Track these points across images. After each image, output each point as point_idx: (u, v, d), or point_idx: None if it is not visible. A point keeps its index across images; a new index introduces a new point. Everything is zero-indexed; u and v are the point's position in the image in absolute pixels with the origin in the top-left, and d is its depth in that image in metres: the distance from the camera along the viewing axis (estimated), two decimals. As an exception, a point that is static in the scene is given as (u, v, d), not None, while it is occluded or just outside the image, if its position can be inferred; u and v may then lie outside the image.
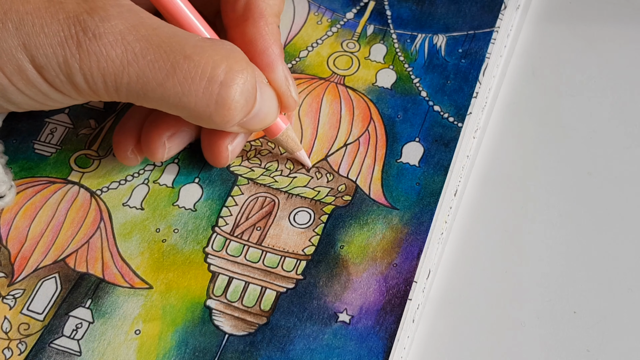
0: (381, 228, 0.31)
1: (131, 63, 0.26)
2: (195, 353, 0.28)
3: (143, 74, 0.26)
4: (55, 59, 0.25)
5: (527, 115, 0.36)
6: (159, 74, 0.26)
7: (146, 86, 0.26)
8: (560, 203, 0.33)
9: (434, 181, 0.32)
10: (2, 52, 0.25)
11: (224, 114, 0.27)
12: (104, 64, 0.25)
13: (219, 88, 0.26)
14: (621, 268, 0.31)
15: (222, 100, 0.27)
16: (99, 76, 0.26)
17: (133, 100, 0.27)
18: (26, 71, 0.26)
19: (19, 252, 0.31)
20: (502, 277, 0.31)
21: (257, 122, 0.29)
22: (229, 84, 0.26)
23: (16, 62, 0.25)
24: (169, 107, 0.27)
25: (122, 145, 0.31)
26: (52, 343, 0.29)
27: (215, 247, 0.31)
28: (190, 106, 0.27)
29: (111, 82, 0.26)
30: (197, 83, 0.26)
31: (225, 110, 0.27)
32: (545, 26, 0.38)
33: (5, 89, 0.26)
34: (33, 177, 0.33)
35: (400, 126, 0.34)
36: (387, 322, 0.29)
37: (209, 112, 0.27)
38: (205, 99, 0.26)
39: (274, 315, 0.29)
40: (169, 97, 0.26)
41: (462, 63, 0.35)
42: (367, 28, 0.37)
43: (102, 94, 0.27)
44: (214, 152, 0.31)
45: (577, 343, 0.30)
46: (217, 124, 0.28)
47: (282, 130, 0.31)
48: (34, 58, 0.25)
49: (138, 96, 0.27)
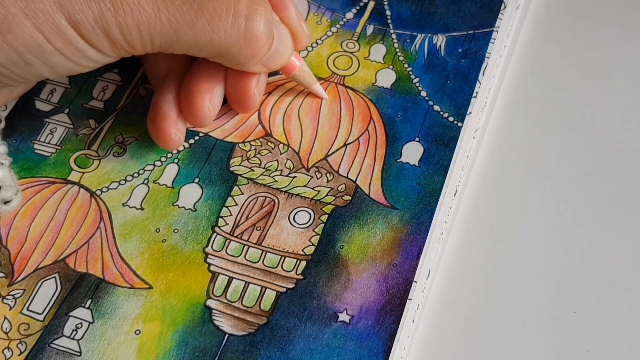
0: (381, 228, 0.31)
1: (161, 9, 0.27)
2: (195, 353, 0.28)
3: (174, 18, 0.27)
4: (91, 14, 0.27)
5: (527, 115, 0.36)
6: (188, 16, 0.27)
7: (178, 29, 0.28)
8: (560, 203, 0.33)
9: (434, 181, 0.32)
10: (39, 12, 0.26)
11: (252, 46, 0.29)
12: (137, 14, 0.27)
13: (244, 21, 0.28)
14: (621, 268, 0.31)
15: (249, 33, 0.29)
16: (134, 26, 0.27)
17: (166, 48, 0.28)
18: (64, 29, 0.27)
19: (19, 252, 0.31)
20: (502, 277, 0.31)
21: (277, 59, 0.31)
22: (252, 16, 0.28)
23: (53, 21, 0.26)
24: (201, 48, 0.29)
25: (164, 129, 0.32)
26: (52, 343, 0.29)
27: (215, 247, 0.31)
28: (221, 43, 0.28)
29: (146, 30, 0.27)
30: (224, 19, 0.28)
31: (253, 42, 0.29)
32: (545, 26, 0.38)
33: (44, 49, 0.27)
34: (33, 177, 0.33)
35: (400, 126, 0.34)
36: (387, 322, 0.29)
37: (238, 47, 0.29)
38: (234, 34, 0.28)
39: (274, 315, 0.29)
40: (200, 37, 0.28)
41: (461, 63, 0.35)
42: (367, 28, 0.37)
43: (136, 45, 0.28)
44: (244, 97, 0.32)
45: (577, 343, 0.30)
46: (246, 59, 0.30)
47: (298, 66, 0.33)
48: (70, 15, 0.26)
49: (171, 41, 0.28)
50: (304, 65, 0.33)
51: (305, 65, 0.33)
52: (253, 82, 0.32)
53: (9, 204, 0.31)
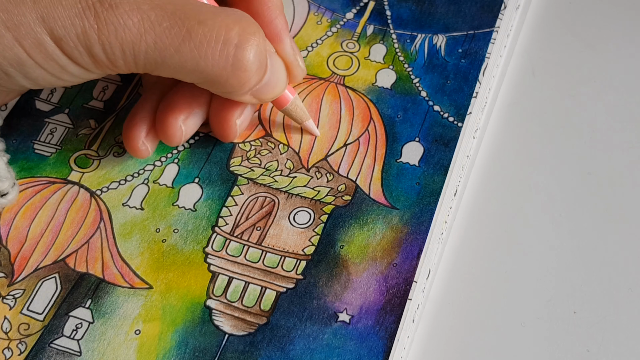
0: (381, 228, 0.31)
1: (148, 31, 0.26)
2: (195, 353, 0.28)
3: (160, 40, 0.26)
4: (74, 31, 0.26)
5: (527, 115, 0.36)
6: (176, 40, 0.26)
7: (164, 52, 0.27)
8: (560, 203, 0.33)
9: (434, 181, 0.32)
10: (20, 26, 0.25)
11: (239, 76, 0.28)
12: (122, 33, 0.26)
13: (234, 50, 0.27)
14: (621, 268, 0.31)
15: (237, 62, 0.27)
16: (117, 46, 0.26)
17: (151, 70, 0.28)
18: (45, 44, 0.26)
19: (19, 252, 0.31)
20: (502, 277, 0.31)
21: (268, 91, 0.30)
22: (243, 45, 0.27)
23: (35, 36, 0.26)
24: (187, 73, 0.28)
25: (133, 138, 0.32)
26: (52, 343, 0.29)
27: (215, 247, 0.31)
28: (207, 70, 0.27)
29: (129, 51, 0.26)
30: (213, 46, 0.27)
31: (241, 72, 0.28)
32: (545, 26, 0.39)
33: (24, 63, 0.26)
34: (33, 177, 0.33)
35: (400, 126, 0.34)
36: (387, 322, 0.29)
37: (225, 75, 0.28)
38: (222, 62, 0.27)
39: (274, 315, 0.29)
40: (186, 62, 0.27)
41: (462, 63, 0.35)
42: (367, 28, 0.37)
43: (120, 65, 0.27)
44: (223, 127, 0.32)
45: (577, 343, 0.30)
46: (233, 88, 0.28)
47: (291, 100, 0.32)
48: (52, 30, 0.26)
49: (156, 64, 0.27)
50: (297, 100, 0.32)
51: (298, 100, 0.32)
52: (236, 113, 0.31)
53: (5, 197, 0.30)
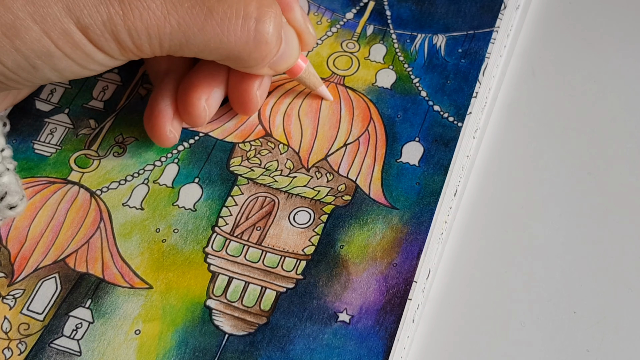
0: (381, 228, 0.31)
1: (171, 12, 0.27)
2: (195, 353, 0.28)
3: (183, 21, 0.27)
4: (100, 18, 0.26)
5: (527, 115, 0.36)
6: (198, 19, 0.27)
7: (187, 32, 0.27)
8: (560, 203, 0.33)
9: (434, 181, 0.32)
10: (47, 17, 0.26)
11: (261, 49, 0.29)
12: (147, 17, 0.27)
13: (254, 23, 0.28)
14: (621, 268, 0.31)
15: (259, 35, 0.28)
16: (143, 30, 0.27)
17: (175, 51, 0.28)
18: (72, 34, 0.26)
19: (19, 252, 0.31)
20: (502, 277, 0.31)
21: (284, 61, 0.31)
22: (262, 18, 0.28)
23: (61, 26, 0.26)
24: (210, 51, 0.28)
25: (160, 126, 0.32)
26: (52, 343, 0.29)
27: (215, 247, 0.31)
28: (231, 46, 0.28)
29: (154, 34, 0.27)
30: (234, 22, 0.28)
31: (263, 45, 0.28)
32: (545, 26, 0.38)
33: (52, 54, 0.27)
34: (33, 177, 0.33)
35: (400, 126, 0.34)
36: (387, 322, 0.29)
37: (248, 49, 0.28)
38: (244, 36, 0.28)
39: (274, 315, 0.29)
40: (209, 40, 0.28)
41: (461, 63, 0.35)
42: (367, 28, 0.37)
43: (145, 49, 0.28)
44: (245, 99, 0.32)
45: (577, 343, 0.30)
46: (255, 61, 0.29)
47: (304, 68, 0.33)
48: (78, 20, 0.26)
49: (181, 45, 0.28)
50: (309, 67, 0.33)
51: (311, 67, 0.33)
52: (255, 85, 0.32)
53: (14, 210, 0.31)
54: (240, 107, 0.33)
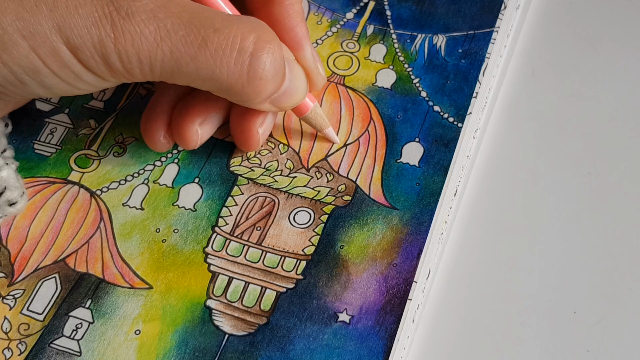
0: (381, 228, 0.31)
1: (164, 39, 0.26)
2: (195, 353, 0.28)
3: (176, 49, 0.26)
4: (90, 40, 0.26)
5: (527, 115, 0.36)
6: (191, 48, 0.26)
7: (179, 61, 0.27)
8: (560, 203, 0.33)
9: (434, 181, 0.32)
10: (36, 34, 0.25)
11: (255, 85, 0.28)
12: (138, 42, 0.26)
13: (249, 58, 0.27)
14: (621, 268, 0.31)
15: (253, 71, 0.27)
16: (134, 54, 0.26)
17: (166, 78, 0.27)
18: (60, 53, 0.26)
19: (19, 252, 0.31)
20: (502, 276, 0.31)
21: (288, 99, 0.30)
22: (258, 54, 0.27)
23: (50, 44, 0.26)
24: (202, 81, 0.28)
25: (153, 132, 0.32)
26: (52, 343, 0.29)
27: (215, 247, 0.31)
28: (223, 79, 0.27)
29: (145, 59, 0.26)
30: (228, 55, 0.27)
31: (257, 81, 0.28)
32: (545, 26, 0.39)
33: (40, 71, 0.26)
34: (33, 177, 0.33)
35: (400, 126, 0.34)
36: (387, 322, 0.29)
37: (241, 84, 0.28)
38: (237, 70, 0.27)
39: (274, 315, 0.29)
40: (201, 70, 0.27)
41: (462, 63, 0.35)
42: (367, 28, 0.37)
43: (136, 74, 0.27)
44: (245, 135, 0.32)
45: (577, 343, 0.30)
46: (250, 97, 0.28)
47: (311, 108, 0.32)
48: (68, 39, 0.26)
49: (172, 72, 0.27)
50: (317, 108, 0.32)
51: (318, 108, 0.32)
52: (258, 122, 0.31)
53: (14, 206, 0.31)
54: (240, 142, 0.32)
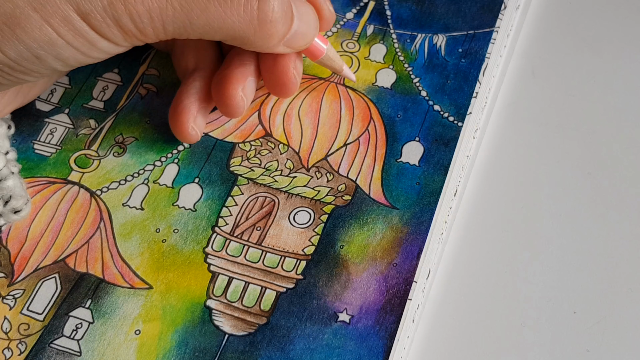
0: (381, 228, 0.31)
1: None
2: (195, 353, 0.28)
3: (185, 2, 0.27)
4: (100, 4, 0.26)
5: (527, 115, 0.36)
6: (201, 1, 0.27)
7: (190, 14, 0.27)
8: (560, 203, 0.33)
9: (434, 181, 0.32)
10: (46, 5, 0.26)
11: (267, 28, 0.28)
12: (148, 1, 0.26)
13: (257, 2, 0.28)
14: (621, 268, 0.31)
15: (262, 15, 0.28)
16: (145, 13, 0.26)
17: (179, 34, 0.28)
18: (72, 21, 0.26)
19: (19, 252, 0.31)
20: (502, 277, 0.31)
21: (300, 39, 0.30)
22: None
23: (62, 13, 0.26)
24: (214, 32, 0.28)
25: (183, 123, 0.32)
26: (52, 343, 0.29)
27: (215, 247, 0.31)
28: (234, 26, 0.28)
29: (157, 17, 0.27)
30: (237, 2, 0.27)
31: (267, 24, 0.28)
32: (545, 26, 0.39)
33: (54, 42, 0.26)
34: (33, 177, 0.33)
35: (400, 126, 0.34)
36: (387, 322, 0.29)
37: (252, 29, 0.28)
38: (247, 17, 0.28)
39: (274, 315, 0.29)
40: (212, 21, 0.27)
41: (462, 63, 0.35)
42: (367, 28, 0.37)
43: (149, 33, 0.27)
44: (284, 79, 0.32)
45: (577, 343, 0.30)
46: (262, 41, 0.29)
47: (325, 50, 0.32)
48: (78, 6, 0.26)
49: (184, 27, 0.27)
50: (331, 49, 0.33)
51: (332, 49, 0.33)
52: (291, 64, 0.32)
53: (18, 214, 0.31)
54: (279, 89, 0.32)
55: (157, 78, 0.36)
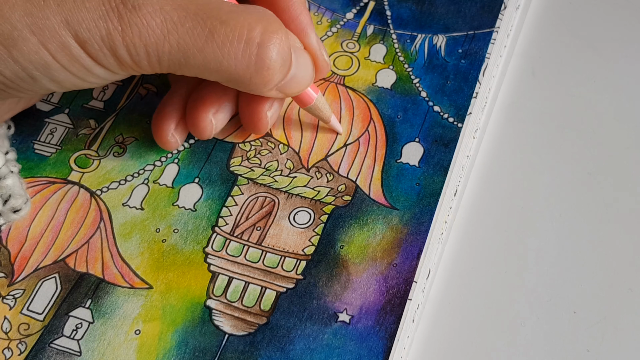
0: (381, 228, 0.31)
1: (171, 31, 0.26)
2: (195, 353, 0.28)
3: (183, 41, 0.27)
4: (98, 33, 0.26)
5: (527, 115, 0.36)
6: (198, 40, 0.27)
7: (187, 53, 0.27)
8: (561, 203, 0.33)
9: (434, 181, 0.32)
10: (45, 29, 0.26)
11: (263, 75, 0.28)
12: (146, 35, 0.26)
13: (256, 49, 0.27)
14: (621, 268, 0.31)
15: (260, 61, 0.28)
16: (142, 47, 0.26)
17: (174, 70, 0.28)
18: (70, 47, 0.26)
19: (19, 252, 0.31)
20: (502, 277, 0.31)
21: (295, 85, 0.30)
22: (265, 44, 0.27)
23: (59, 39, 0.26)
24: (210, 72, 0.28)
25: (163, 130, 0.32)
26: (52, 343, 0.29)
27: (215, 247, 0.31)
28: (231, 70, 0.28)
29: (153, 52, 0.27)
30: (235, 46, 0.27)
31: (264, 71, 0.28)
32: (545, 26, 0.39)
33: (50, 66, 0.26)
34: (33, 177, 0.33)
35: (400, 126, 0.34)
36: (387, 322, 0.29)
37: (249, 74, 0.28)
38: (245, 61, 0.27)
39: (274, 315, 0.29)
40: (209, 62, 0.27)
41: (462, 63, 0.35)
42: (367, 28, 0.37)
43: (144, 66, 0.27)
44: (254, 119, 0.32)
45: (577, 343, 0.30)
46: (257, 86, 0.29)
47: (315, 98, 0.32)
48: (77, 33, 0.26)
49: (180, 64, 0.27)
50: (320, 98, 0.32)
51: (322, 98, 0.32)
52: (266, 106, 0.31)
53: (18, 213, 0.31)
54: (250, 126, 0.32)
55: (157, 78, 0.36)
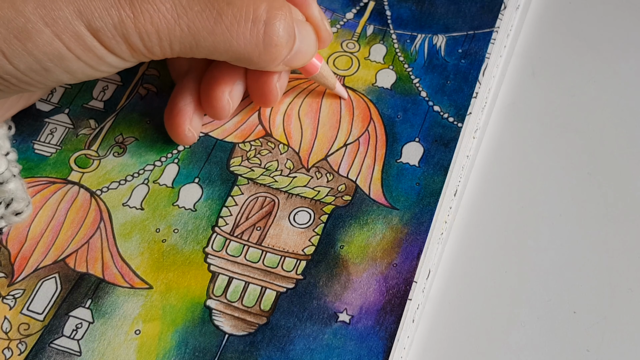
0: (381, 228, 0.31)
1: (181, 16, 0.27)
2: (195, 353, 0.28)
3: (193, 24, 0.27)
4: (111, 21, 0.27)
5: (527, 115, 0.36)
6: (208, 23, 0.27)
7: (197, 36, 0.28)
8: (560, 203, 0.33)
9: (434, 181, 0.32)
10: (58, 20, 0.26)
11: (271, 52, 0.29)
12: (157, 20, 0.27)
13: (263, 27, 0.28)
14: (621, 268, 0.31)
15: (268, 39, 0.28)
16: (154, 32, 0.27)
17: (185, 53, 0.28)
18: (83, 37, 0.27)
19: (19, 252, 0.31)
20: (502, 277, 0.31)
21: (300, 58, 0.31)
22: (272, 21, 0.28)
23: (73, 29, 0.26)
24: (220, 54, 0.29)
25: (179, 126, 0.32)
26: (52, 343, 0.29)
27: (215, 247, 0.31)
28: (240, 49, 0.28)
29: (165, 37, 0.27)
30: (243, 25, 0.28)
31: (272, 48, 0.29)
32: (545, 26, 0.39)
33: (64, 57, 0.27)
34: (33, 177, 0.33)
35: (400, 126, 0.34)
36: (387, 322, 0.29)
37: (257, 52, 0.29)
38: (253, 40, 0.28)
39: (274, 315, 0.29)
40: (218, 43, 0.28)
41: (461, 63, 0.35)
42: (367, 28, 0.37)
43: (156, 52, 0.28)
44: (265, 92, 0.32)
45: (577, 343, 0.30)
46: (266, 63, 0.29)
47: (319, 67, 0.32)
48: (89, 23, 0.26)
49: (190, 47, 0.28)
50: (325, 66, 0.33)
51: (326, 66, 0.33)
52: (275, 78, 0.32)
53: (19, 216, 0.31)
54: (260, 99, 0.33)
55: (157, 78, 0.36)
